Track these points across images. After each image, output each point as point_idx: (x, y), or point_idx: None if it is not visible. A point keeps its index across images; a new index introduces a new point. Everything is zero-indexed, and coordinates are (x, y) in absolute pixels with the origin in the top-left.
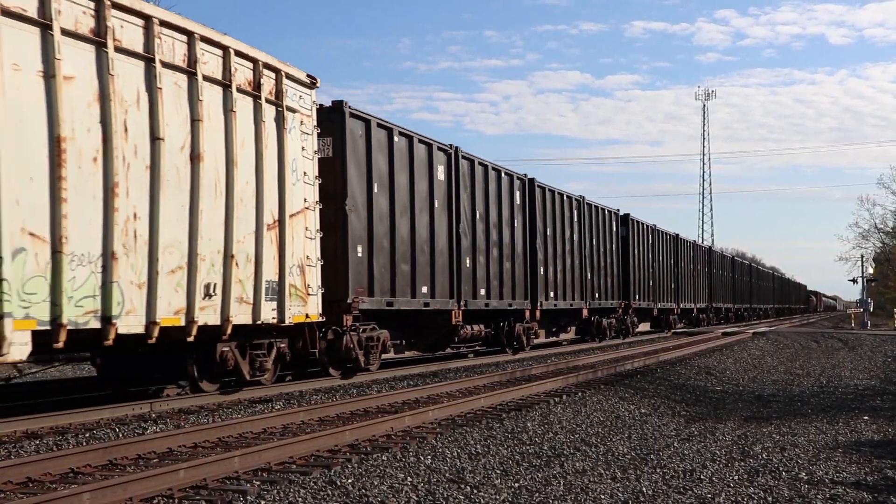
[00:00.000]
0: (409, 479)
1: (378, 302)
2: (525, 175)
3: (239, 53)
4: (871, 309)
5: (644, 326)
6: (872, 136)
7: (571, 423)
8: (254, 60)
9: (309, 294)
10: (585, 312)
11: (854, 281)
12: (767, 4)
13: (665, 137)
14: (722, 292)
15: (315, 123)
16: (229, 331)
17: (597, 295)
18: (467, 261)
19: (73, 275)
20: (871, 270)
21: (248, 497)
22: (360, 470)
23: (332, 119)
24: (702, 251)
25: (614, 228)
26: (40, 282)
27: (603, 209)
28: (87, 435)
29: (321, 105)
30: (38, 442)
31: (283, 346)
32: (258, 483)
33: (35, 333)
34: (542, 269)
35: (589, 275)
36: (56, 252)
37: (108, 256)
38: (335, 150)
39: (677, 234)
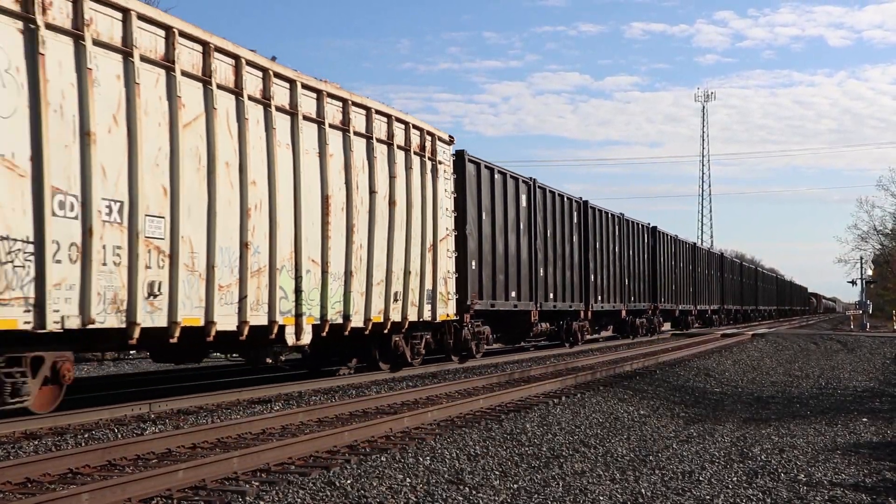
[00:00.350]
0: (408, 480)
1: (485, 304)
2: (581, 198)
3: (415, 126)
4: (871, 311)
5: (666, 326)
6: (872, 137)
7: (570, 425)
8: (421, 130)
9: (449, 298)
10: (623, 313)
11: (853, 283)
12: (766, 6)
13: (664, 139)
14: (731, 295)
15: (452, 170)
16: (406, 326)
17: (632, 298)
18: (541, 271)
19: (332, 287)
20: (870, 272)
21: (247, 498)
22: (358, 471)
23: (455, 164)
24: (715, 257)
25: (645, 240)
26: (316, 292)
27: (637, 224)
28: (86, 435)
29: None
30: (36, 442)
31: (429, 337)
32: (257, 484)
33: (313, 326)
34: (592, 277)
35: (626, 281)
36: (324, 272)
37: (347, 274)
38: (457, 187)
39: (694, 243)
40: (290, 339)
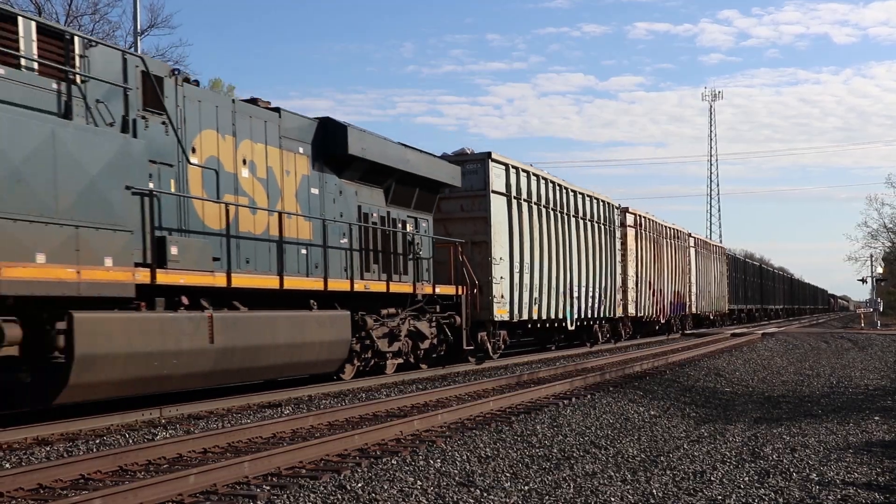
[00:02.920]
0: (419, 482)
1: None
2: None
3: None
4: (881, 309)
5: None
6: (878, 135)
7: (581, 426)
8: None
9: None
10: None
11: (863, 281)
12: (770, 4)
13: (669, 139)
14: (771, 296)
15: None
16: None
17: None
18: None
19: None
20: (880, 270)
21: (258, 502)
22: (369, 474)
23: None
24: (752, 267)
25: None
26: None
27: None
28: (98, 441)
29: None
30: (48, 448)
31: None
32: (268, 488)
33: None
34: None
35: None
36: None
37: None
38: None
39: (745, 258)
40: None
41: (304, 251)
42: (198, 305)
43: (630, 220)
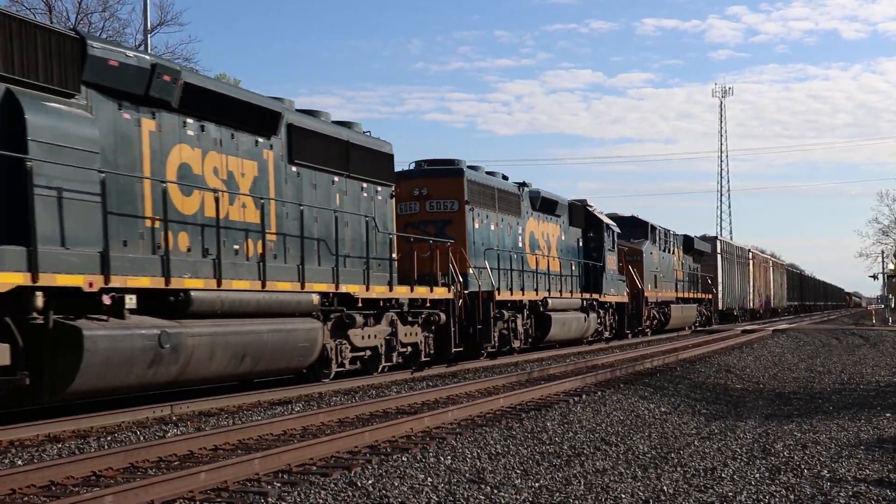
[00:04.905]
0: (430, 479)
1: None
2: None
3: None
4: (893, 305)
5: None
6: (889, 131)
7: (591, 423)
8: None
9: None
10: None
11: (874, 277)
12: (779, 0)
13: (678, 135)
14: (810, 294)
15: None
16: None
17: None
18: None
19: None
20: (891, 266)
21: (269, 499)
22: (380, 471)
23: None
24: (797, 275)
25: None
26: None
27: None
28: (109, 438)
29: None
30: (60, 445)
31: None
32: (279, 485)
33: None
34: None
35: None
36: None
37: None
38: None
39: (791, 266)
40: None
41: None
42: None
43: (750, 255)
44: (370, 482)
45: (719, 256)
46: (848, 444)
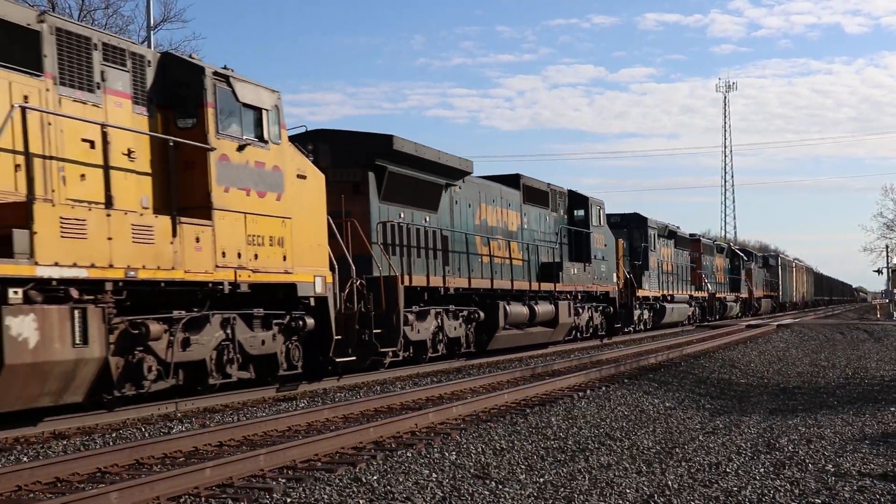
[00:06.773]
0: (434, 475)
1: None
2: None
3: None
4: None
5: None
6: (892, 125)
7: (595, 418)
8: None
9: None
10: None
11: (879, 272)
12: None
13: (681, 130)
14: (826, 290)
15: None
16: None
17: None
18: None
19: None
20: None
21: (274, 495)
22: (384, 467)
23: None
24: (818, 275)
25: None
26: None
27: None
28: (114, 435)
29: None
30: (65, 442)
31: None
32: (284, 481)
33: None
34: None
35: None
36: None
37: None
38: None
39: (813, 267)
40: None
41: None
42: None
43: (794, 264)
44: (375, 478)
45: (780, 268)
46: (852, 438)
